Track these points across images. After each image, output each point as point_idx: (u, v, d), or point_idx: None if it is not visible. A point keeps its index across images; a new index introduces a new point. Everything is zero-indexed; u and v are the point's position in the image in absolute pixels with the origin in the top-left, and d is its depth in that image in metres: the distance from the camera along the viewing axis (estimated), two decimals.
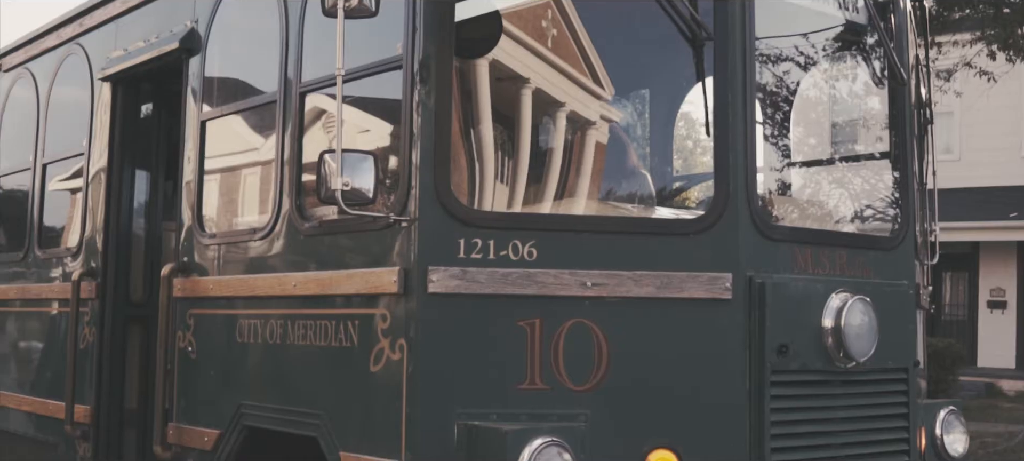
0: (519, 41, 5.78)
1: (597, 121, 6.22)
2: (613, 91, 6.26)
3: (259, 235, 5.98)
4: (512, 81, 5.79)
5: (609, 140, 6.49)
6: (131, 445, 7.51)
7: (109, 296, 7.43)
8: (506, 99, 5.80)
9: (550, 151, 6.01)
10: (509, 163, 5.84)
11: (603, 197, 6.25)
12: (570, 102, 6.02)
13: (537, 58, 5.77)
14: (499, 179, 5.75)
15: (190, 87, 6.76)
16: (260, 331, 5.88)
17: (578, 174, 6.10)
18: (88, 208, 7.70)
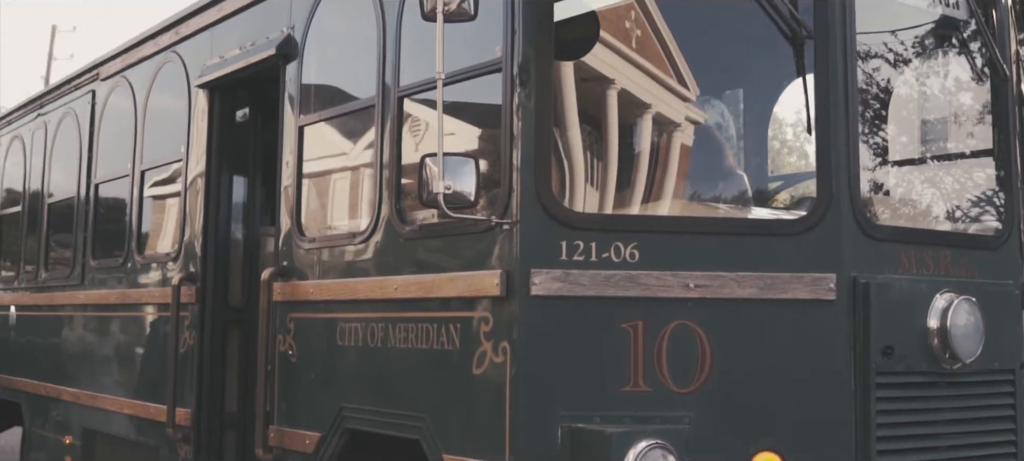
0: (603, 42, 5.77)
1: (683, 123, 6.19)
2: (698, 91, 6.23)
3: (359, 239, 6.01)
4: (597, 82, 5.78)
5: (704, 141, 6.46)
6: (231, 448, 7.59)
7: (209, 300, 7.52)
8: (591, 100, 5.79)
9: (639, 152, 5.99)
10: (598, 165, 5.83)
11: (699, 198, 6.22)
12: (656, 103, 5.99)
13: (622, 59, 5.75)
14: (590, 181, 5.75)
15: (287, 93, 6.82)
16: (361, 334, 5.92)
17: (671, 175, 6.08)
18: (187, 214, 7.79)
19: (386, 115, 5.92)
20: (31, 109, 11.29)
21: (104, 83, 9.53)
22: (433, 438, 5.35)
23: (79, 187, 9.71)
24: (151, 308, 8.22)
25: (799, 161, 8.13)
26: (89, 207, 9.49)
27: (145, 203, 8.62)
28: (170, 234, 8.28)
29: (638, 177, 5.96)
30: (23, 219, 11.12)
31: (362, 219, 6.12)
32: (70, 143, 10.03)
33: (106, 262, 9.09)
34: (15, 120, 11.74)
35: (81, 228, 9.57)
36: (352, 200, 6.49)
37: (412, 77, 5.83)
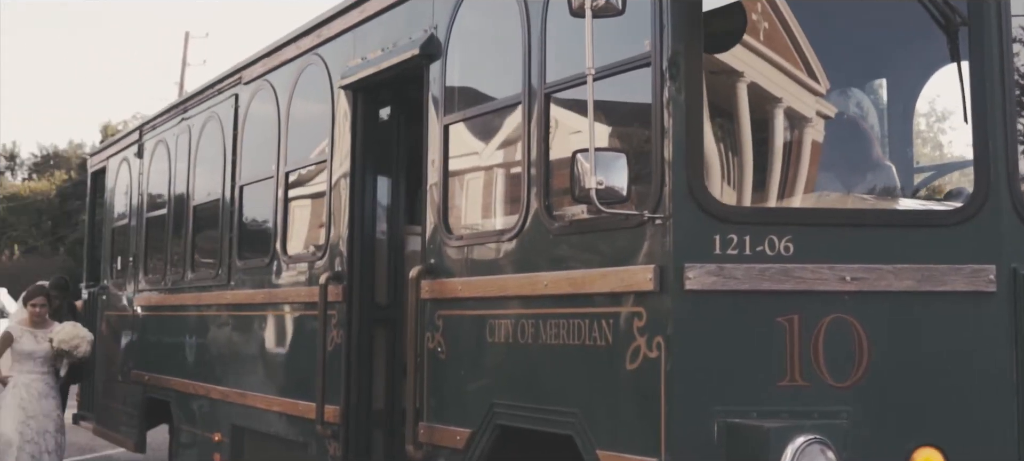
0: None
1: (814, 117, 6.10)
2: (829, 84, 6.13)
3: (507, 236, 6.04)
4: (727, 75, 5.72)
5: (849, 132, 6.38)
6: (379, 445, 7.68)
7: (355, 299, 7.62)
8: (721, 94, 5.74)
9: (773, 146, 5.92)
10: (734, 159, 5.78)
11: (845, 190, 6.13)
12: (786, 97, 5.91)
13: (751, 52, 5.69)
14: (725, 176, 5.70)
15: (431, 92, 6.88)
16: (510, 330, 5.94)
17: (811, 168, 6.00)
18: (332, 213, 7.90)
19: (532, 112, 5.94)
20: (175, 114, 11.53)
21: (247, 87, 9.70)
22: (586, 434, 5.36)
23: (224, 189, 9.90)
24: (298, 307, 8.34)
25: (933, 151, 7.99)
26: (234, 209, 9.67)
27: (289, 204, 8.74)
28: (315, 234, 8.40)
29: (776, 170, 5.90)
30: (168, 221, 11.36)
31: (510, 216, 6.14)
32: (214, 146, 10.23)
33: (252, 262, 9.26)
34: (159, 125, 11.99)
35: (226, 229, 9.75)
36: (499, 197, 6.52)
37: (558, 74, 5.83)
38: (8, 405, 10.68)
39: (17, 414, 10.60)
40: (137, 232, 12.40)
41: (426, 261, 6.74)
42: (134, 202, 12.63)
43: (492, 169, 6.62)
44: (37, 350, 10.87)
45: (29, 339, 10.91)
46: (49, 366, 10.99)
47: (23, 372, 10.84)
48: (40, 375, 10.89)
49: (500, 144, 6.46)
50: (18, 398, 10.69)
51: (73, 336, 10.92)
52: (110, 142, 14.57)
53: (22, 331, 10.98)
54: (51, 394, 10.95)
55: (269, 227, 8.95)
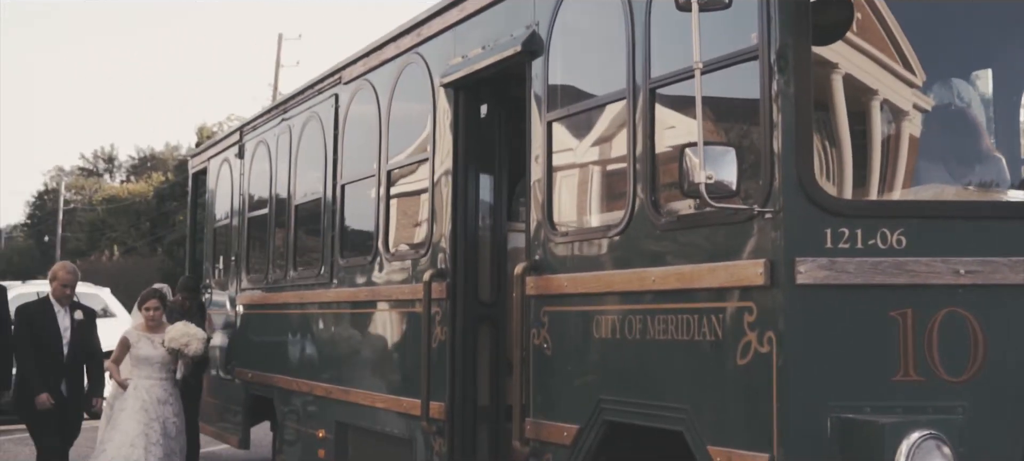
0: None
1: (910, 110, 6.01)
2: (925, 76, 6.04)
3: (613, 231, 6.03)
4: (821, 67, 5.66)
5: (956, 123, 6.28)
6: (484, 441, 7.71)
7: (459, 296, 7.66)
8: (817, 86, 5.67)
9: (873, 138, 5.85)
10: (833, 152, 5.72)
11: (952, 182, 6.04)
12: (883, 88, 5.83)
13: (844, 43, 5.61)
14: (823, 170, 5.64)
15: (534, 89, 6.89)
16: (618, 326, 5.94)
17: (912, 160, 5.92)
18: (434, 211, 7.94)
19: (638, 107, 5.92)
20: (275, 114, 11.66)
21: (347, 86, 9.78)
22: (696, 429, 5.34)
23: (325, 188, 9.99)
24: (401, 304, 8.40)
25: None
26: (335, 207, 9.76)
27: (391, 202, 8.80)
28: (418, 232, 8.45)
29: (876, 164, 5.83)
30: (270, 221, 11.49)
31: (615, 212, 6.13)
32: (315, 146, 10.33)
33: (354, 260, 9.34)
34: (260, 125, 12.13)
35: (329, 228, 9.85)
36: (604, 193, 6.51)
37: (663, 68, 5.82)
38: (130, 407, 10.56)
39: (140, 416, 10.50)
40: (239, 232, 12.56)
41: (531, 257, 6.76)
42: (235, 202, 12.80)
43: (596, 165, 6.62)
44: (154, 355, 10.78)
45: (146, 344, 10.84)
46: (168, 370, 10.87)
47: (142, 377, 10.74)
48: (159, 380, 10.78)
49: (604, 139, 6.45)
50: (140, 400, 10.59)
51: (182, 335, 10.78)
52: (210, 143, 14.77)
53: (139, 336, 10.90)
54: (170, 399, 10.83)
55: (371, 225, 9.02)
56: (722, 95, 5.64)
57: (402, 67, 8.72)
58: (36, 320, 10.33)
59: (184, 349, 10.72)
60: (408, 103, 8.64)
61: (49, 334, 10.29)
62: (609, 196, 6.40)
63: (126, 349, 10.86)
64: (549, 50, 6.79)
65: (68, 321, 10.46)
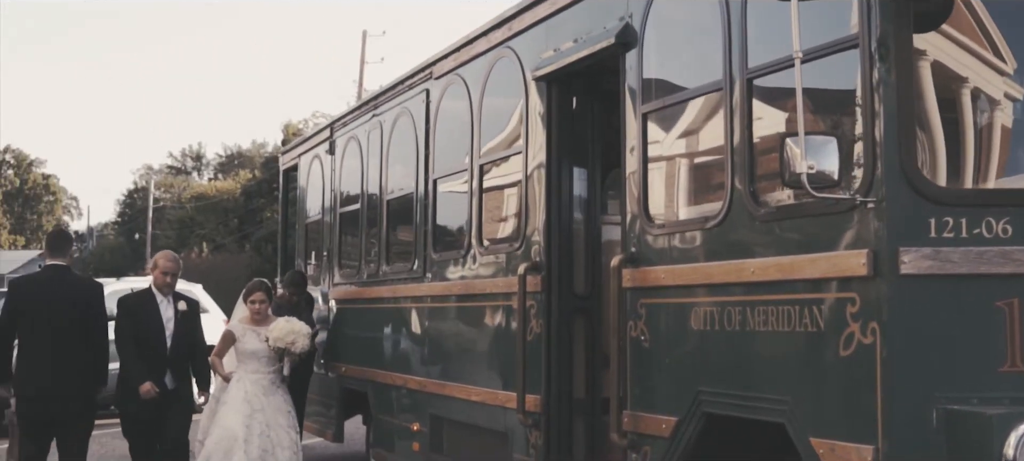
0: None
1: (1001, 98, 5.91)
2: (1015, 64, 5.93)
3: (711, 223, 6.01)
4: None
5: None
6: (580, 434, 7.71)
7: (554, 289, 7.67)
8: None
9: (966, 126, 5.76)
10: (925, 139, 5.64)
11: None
12: (973, 76, 5.74)
13: (935, 32, 5.53)
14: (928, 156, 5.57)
15: (628, 81, 6.88)
16: (717, 318, 5.91)
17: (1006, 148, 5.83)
18: (528, 204, 7.96)
19: (735, 97, 5.90)
20: (366, 110, 11.74)
21: (438, 81, 9.83)
22: (798, 421, 5.31)
23: (417, 183, 10.05)
24: (495, 297, 8.43)
25: None
26: (428, 202, 9.81)
27: (484, 196, 8.83)
28: (511, 225, 8.48)
29: (969, 152, 5.74)
30: (362, 216, 11.59)
31: (714, 203, 6.10)
32: (406, 141, 10.39)
33: (448, 254, 9.38)
34: (350, 122, 12.22)
35: (421, 222, 9.91)
36: (700, 184, 6.49)
37: (760, 58, 5.78)
38: (233, 399, 10.17)
39: (242, 408, 10.06)
40: (330, 227, 12.67)
41: (627, 250, 6.75)
42: (326, 198, 12.91)
43: (692, 157, 6.60)
44: (260, 348, 10.34)
45: (252, 337, 10.39)
46: (274, 364, 10.42)
47: (248, 372, 10.32)
48: (265, 374, 10.32)
49: (700, 131, 6.42)
50: (243, 391, 10.18)
51: (287, 332, 10.32)
52: (300, 140, 14.91)
53: (244, 329, 10.49)
54: (278, 392, 10.38)
55: (464, 219, 9.06)
56: (820, 84, 5.59)
57: (493, 61, 8.74)
58: (137, 311, 9.94)
59: (290, 347, 10.30)
60: (500, 97, 8.66)
61: (151, 325, 9.87)
62: (706, 188, 6.37)
63: (230, 343, 10.53)
64: (643, 42, 6.77)
65: (171, 312, 9.97)
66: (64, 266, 9.69)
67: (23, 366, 9.47)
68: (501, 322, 8.33)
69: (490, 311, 8.54)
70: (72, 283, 9.75)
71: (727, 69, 5.98)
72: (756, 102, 5.83)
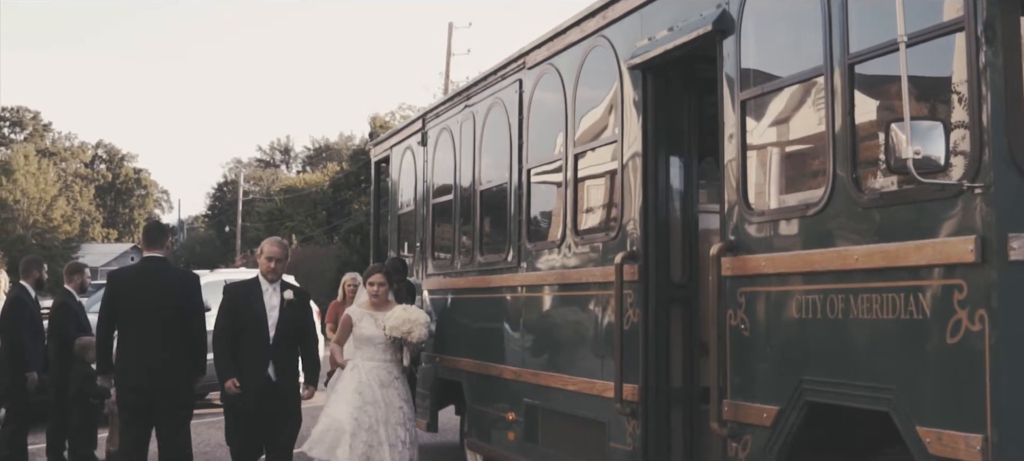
0: None
1: None
2: None
3: (812, 210, 5.96)
4: None
5: None
6: (678, 423, 7.69)
7: (651, 277, 7.65)
8: None
9: None
10: None
11: None
12: None
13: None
14: None
15: (726, 68, 6.83)
16: (819, 306, 5.86)
17: None
18: (624, 193, 7.94)
19: (835, 82, 5.84)
20: (458, 101, 11.77)
21: (531, 71, 9.83)
22: (904, 410, 5.25)
23: (511, 173, 10.07)
24: (591, 287, 8.42)
25: None
26: (522, 192, 9.82)
27: (579, 185, 8.83)
28: (607, 214, 8.47)
29: None
30: (455, 206, 11.63)
31: (815, 190, 6.05)
32: (499, 131, 10.41)
33: (542, 244, 9.39)
34: (442, 113, 12.27)
35: (515, 212, 9.92)
36: (801, 171, 6.44)
37: (862, 43, 5.72)
38: (344, 389, 9.82)
39: (353, 399, 9.67)
40: (423, 218, 12.73)
41: (725, 238, 6.72)
42: (418, 189, 12.97)
43: (792, 143, 6.55)
44: (377, 334, 9.94)
45: (369, 323, 9.99)
46: (392, 352, 10.02)
47: (364, 358, 9.94)
48: (382, 362, 9.93)
49: (800, 117, 6.36)
50: (356, 382, 9.79)
51: (403, 321, 9.90)
52: (392, 132, 14.99)
53: (362, 314, 10.10)
54: (394, 383, 9.94)
55: (559, 209, 9.07)
56: (924, 68, 5.51)
57: (587, 50, 8.73)
58: (239, 300, 9.72)
59: (407, 337, 9.89)
60: (594, 86, 8.65)
61: (253, 314, 9.62)
62: (806, 174, 6.32)
63: (349, 328, 10.11)
64: (741, 28, 6.72)
65: (276, 300, 9.68)
66: (162, 258, 9.84)
67: (123, 357, 9.63)
68: (597, 311, 8.33)
69: (586, 300, 8.54)
70: (170, 274, 9.89)
71: (828, 54, 5.92)
72: (858, 87, 5.76)
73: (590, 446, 8.34)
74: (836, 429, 5.97)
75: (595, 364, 8.27)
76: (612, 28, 8.35)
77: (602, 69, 8.43)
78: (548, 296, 9.26)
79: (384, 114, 59.74)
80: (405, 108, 56.23)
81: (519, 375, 9.60)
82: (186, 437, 9.71)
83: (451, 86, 44.90)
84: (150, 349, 9.44)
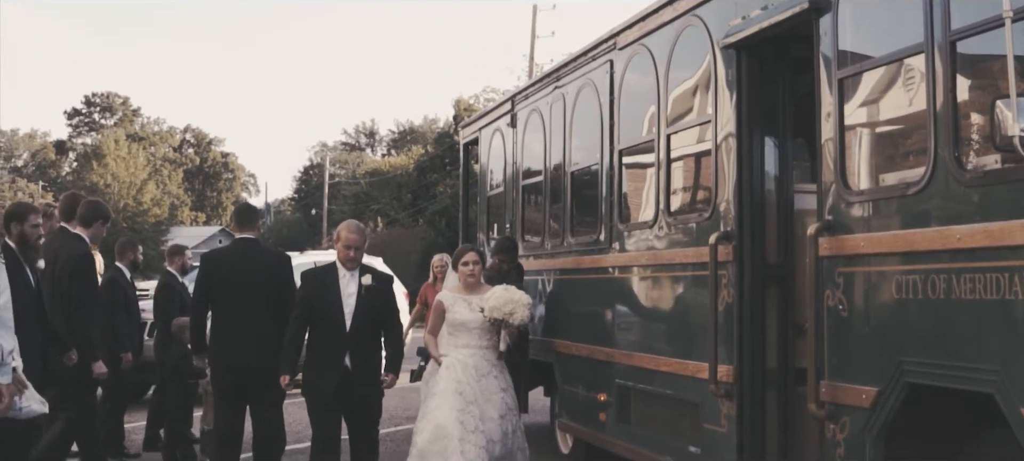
0: None
1: None
2: None
3: (912, 189, 5.88)
4: None
5: None
6: (772, 404, 7.64)
7: (746, 258, 7.60)
8: None
9: None
10: None
11: None
12: None
13: None
14: None
15: (822, 46, 6.76)
16: (919, 286, 5.79)
17: None
18: (718, 173, 7.90)
19: (937, 61, 5.75)
20: (547, 83, 11.76)
21: (622, 52, 9.79)
22: (1008, 392, 5.17)
23: (602, 154, 10.04)
24: (684, 267, 8.39)
25: None
26: (613, 173, 9.80)
27: (672, 166, 8.78)
28: (701, 195, 8.43)
29: None
30: (545, 188, 11.63)
31: (914, 169, 5.97)
32: (590, 112, 10.39)
33: (635, 225, 9.36)
34: (532, 94, 12.27)
35: (606, 194, 9.90)
36: (900, 150, 6.36)
37: (964, 19, 5.63)
38: (444, 390, 9.14)
39: (454, 401, 9.02)
40: (513, 200, 12.74)
41: (823, 218, 6.65)
42: (508, 171, 12.99)
43: (891, 122, 6.47)
44: (472, 319, 9.33)
45: (462, 307, 9.40)
46: (489, 338, 9.38)
47: (459, 347, 9.36)
48: (478, 349, 9.33)
49: (899, 95, 6.28)
50: (454, 380, 9.14)
51: (505, 301, 9.24)
52: (480, 114, 15.02)
53: (454, 298, 9.50)
54: (492, 371, 9.32)
55: (651, 190, 9.03)
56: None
57: (680, 30, 8.68)
58: (315, 287, 9.26)
59: (508, 318, 9.22)
60: (687, 66, 8.59)
61: (329, 301, 9.14)
62: (906, 153, 6.24)
63: (441, 315, 9.52)
64: (837, 6, 6.65)
65: (354, 287, 9.17)
66: (254, 239, 9.93)
67: (217, 337, 9.72)
68: (690, 292, 8.29)
69: (679, 281, 8.51)
70: (262, 256, 9.98)
71: (928, 31, 5.83)
72: (960, 65, 5.68)
73: (684, 427, 8.31)
74: (936, 411, 5.91)
75: (689, 345, 8.24)
76: (705, 7, 8.29)
77: (695, 49, 8.38)
78: (640, 277, 9.23)
79: (468, 97, 59.90)
80: (489, 91, 56.33)
81: (611, 356, 9.59)
82: (279, 416, 9.79)
83: (536, 68, 44.86)
84: (243, 329, 9.52)
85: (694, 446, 8.13)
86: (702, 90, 8.30)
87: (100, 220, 10.55)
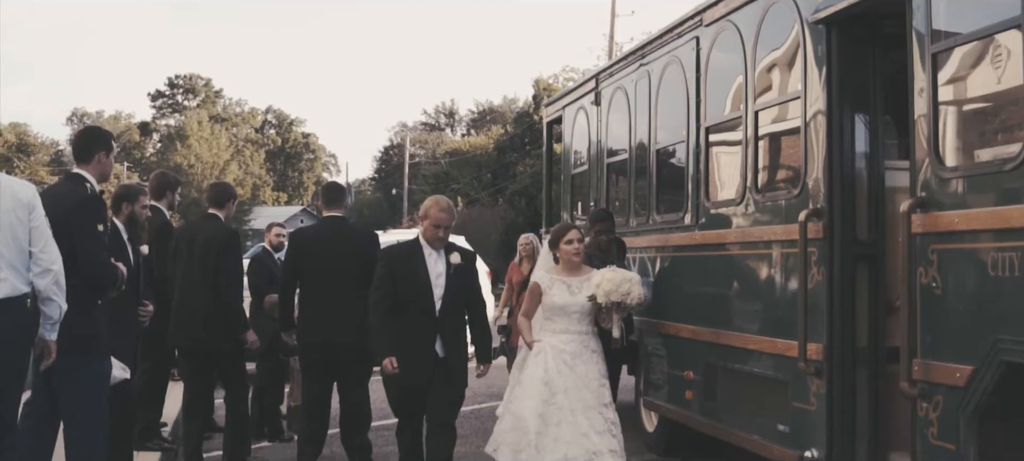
0: None
1: None
2: None
3: (1009, 165, 5.81)
4: None
5: None
6: (863, 383, 7.58)
7: (836, 235, 7.54)
8: None
9: None
10: None
11: None
12: None
13: None
14: None
15: (915, 21, 6.68)
16: (1016, 263, 5.72)
17: None
18: (808, 150, 7.84)
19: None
20: (632, 60, 11.73)
21: (708, 28, 9.74)
22: None
23: (688, 131, 10.00)
24: (773, 245, 8.34)
25: None
26: (700, 150, 9.76)
27: (760, 143, 8.73)
28: (790, 172, 8.37)
29: None
30: (630, 165, 11.61)
31: (1010, 145, 5.89)
32: (676, 90, 10.35)
33: (722, 202, 9.32)
34: (616, 72, 12.24)
35: (693, 171, 9.86)
36: (995, 126, 6.27)
37: None
38: (529, 378, 8.69)
39: (539, 391, 8.55)
40: (597, 177, 12.73)
41: (916, 195, 6.58)
42: (592, 149, 12.98)
43: (985, 98, 6.38)
44: (572, 303, 8.81)
45: (561, 289, 8.85)
46: (588, 323, 8.87)
47: (555, 332, 8.82)
48: (576, 334, 8.80)
49: (994, 70, 6.19)
50: (542, 368, 8.65)
51: (620, 282, 8.73)
52: (564, 92, 15.01)
53: (552, 280, 8.92)
54: (592, 358, 8.79)
55: (738, 167, 8.98)
56: None
57: (767, 6, 8.61)
58: (399, 267, 8.76)
59: (625, 300, 8.72)
60: (775, 42, 8.53)
61: (417, 282, 8.69)
62: (1001, 129, 6.16)
63: (538, 298, 8.98)
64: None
65: (442, 266, 8.73)
66: (342, 217, 10.03)
67: (306, 314, 9.82)
68: (779, 270, 8.25)
69: (767, 259, 8.46)
70: (350, 234, 10.06)
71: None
72: None
73: (772, 405, 8.28)
74: None
75: (777, 323, 8.20)
76: None
77: (783, 24, 8.32)
78: (727, 255, 9.19)
79: (548, 76, 59.93)
80: (569, 70, 56.36)
81: (697, 334, 9.57)
82: (365, 393, 9.86)
83: (616, 48, 44.74)
84: (332, 306, 9.58)
85: (783, 424, 8.10)
86: (791, 67, 8.24)
87: (231, 199, 10.68)
